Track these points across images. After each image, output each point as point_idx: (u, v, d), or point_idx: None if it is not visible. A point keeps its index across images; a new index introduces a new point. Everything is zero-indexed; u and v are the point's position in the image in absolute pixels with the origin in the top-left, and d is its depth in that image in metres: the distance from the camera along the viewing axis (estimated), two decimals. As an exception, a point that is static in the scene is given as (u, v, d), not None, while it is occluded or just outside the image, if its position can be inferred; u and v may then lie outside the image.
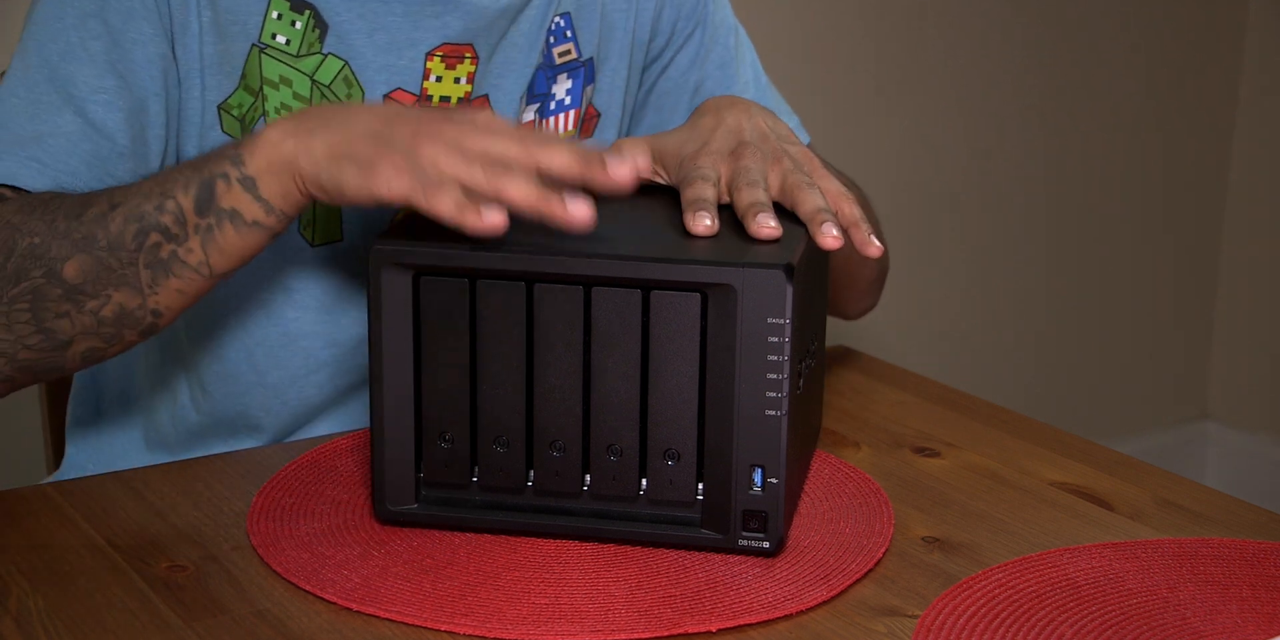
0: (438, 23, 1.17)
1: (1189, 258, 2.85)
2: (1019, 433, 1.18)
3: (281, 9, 1.13)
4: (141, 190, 1.01)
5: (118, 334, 1.03)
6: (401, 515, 0.98)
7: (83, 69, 1.10)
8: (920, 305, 2.57)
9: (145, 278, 1.01)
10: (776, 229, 0.98)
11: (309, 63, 1.15)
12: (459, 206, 0.90)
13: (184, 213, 0.99)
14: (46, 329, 1.02)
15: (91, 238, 1.00)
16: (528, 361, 0.95)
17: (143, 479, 1.08)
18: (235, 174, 0.98)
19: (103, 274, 1.00)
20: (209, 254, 1.00)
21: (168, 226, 0.99)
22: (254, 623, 0.89)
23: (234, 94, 1.14)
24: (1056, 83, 2.60)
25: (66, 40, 1.10)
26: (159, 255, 1.00)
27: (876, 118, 2.44)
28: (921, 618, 0.89)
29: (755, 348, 0.91)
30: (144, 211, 0.99)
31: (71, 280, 1.00)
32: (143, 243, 1.00)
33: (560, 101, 1.25)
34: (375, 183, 0.93)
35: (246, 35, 1.13)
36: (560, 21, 1.24)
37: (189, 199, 0.99)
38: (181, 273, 1.01)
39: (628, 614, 0.89)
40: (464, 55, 1.18)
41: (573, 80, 1.25)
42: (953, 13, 2.46)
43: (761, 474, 0.93)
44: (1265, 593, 0.93)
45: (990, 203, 2.60)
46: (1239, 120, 2.82)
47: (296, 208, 1.00)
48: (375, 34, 1.16)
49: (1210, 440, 2.96)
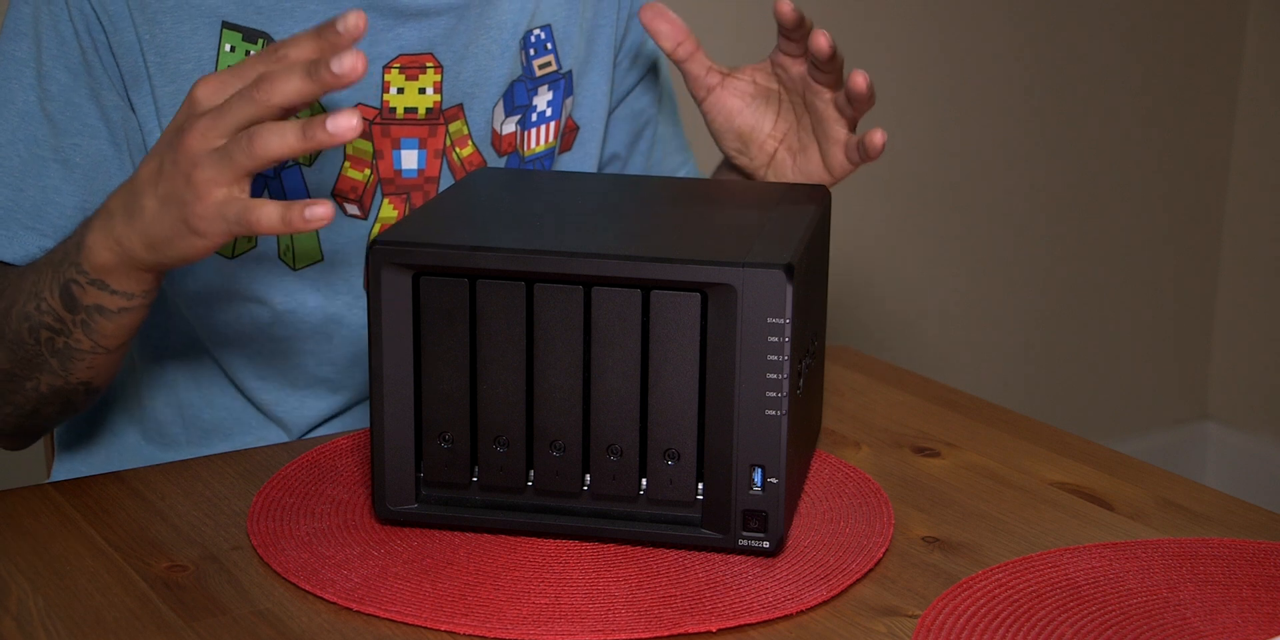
0: (391, 35, 1.17)
1: (1189, 258, 2.85)
2: (1019, 433, 1.18)
3: (234, 41, 1.14)
4: (25, 288, 1.06)
5: (67, 401, 1.12)
6: (401, 515, 0.98)
7: (41, 130, 1.13)
8: (920, 305, 2.57)
9: (55, 364, 1.08)
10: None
11: None
12: (282, 220, 0.90)
13: (57, 311, 1.04)
14: (11, 402, 1.12)
15: (2, 334, 1.07)
16: (528, 361, 0.95)
17: (143, 479, 1.08)
18: (83, 279, 1.02)
19: (22, 363, 1.08)
20: (95, 339, 1.06)
21: (50, 324, 1.05)
22: (254, 623, 0.89)
23: None
24: (1057, 83, 2.60)
25: (26, 102, 1.13)
26: (55, 346, 1.06)
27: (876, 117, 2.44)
28: (921, 618, 0.89)
29: (755, 348, 0.91)
30: (28, 312, 1.05)
31: (4, 367, 1.09)
32: (38, 337, 1.06)
33: (541, 113, 1.25)
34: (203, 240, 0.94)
35: (201, 71, 1.14)
36: (541, 34, 1.24)
37: (56, 301, 1.04)
38: (81, 357, 1.07)
39: (628, 614, 0.89)
40: (424, 65, 1.18)
41: (553, 92, 1.26)
42: (952, 12, 2.46)
43: (761, 474, 0.93)
44: (1265, 593, 0.93)
45: (990, 203, 2.60)
46: (1239, 120, 2.82)
47: (154, 283, 1.03)
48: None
49: (1210, 440, 2.96)
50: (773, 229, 0.97)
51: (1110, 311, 2.79)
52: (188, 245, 0.95)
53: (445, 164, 1.21)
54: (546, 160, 1.27)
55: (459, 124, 1.21)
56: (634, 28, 1.33)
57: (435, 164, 1.21)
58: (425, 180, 1.21)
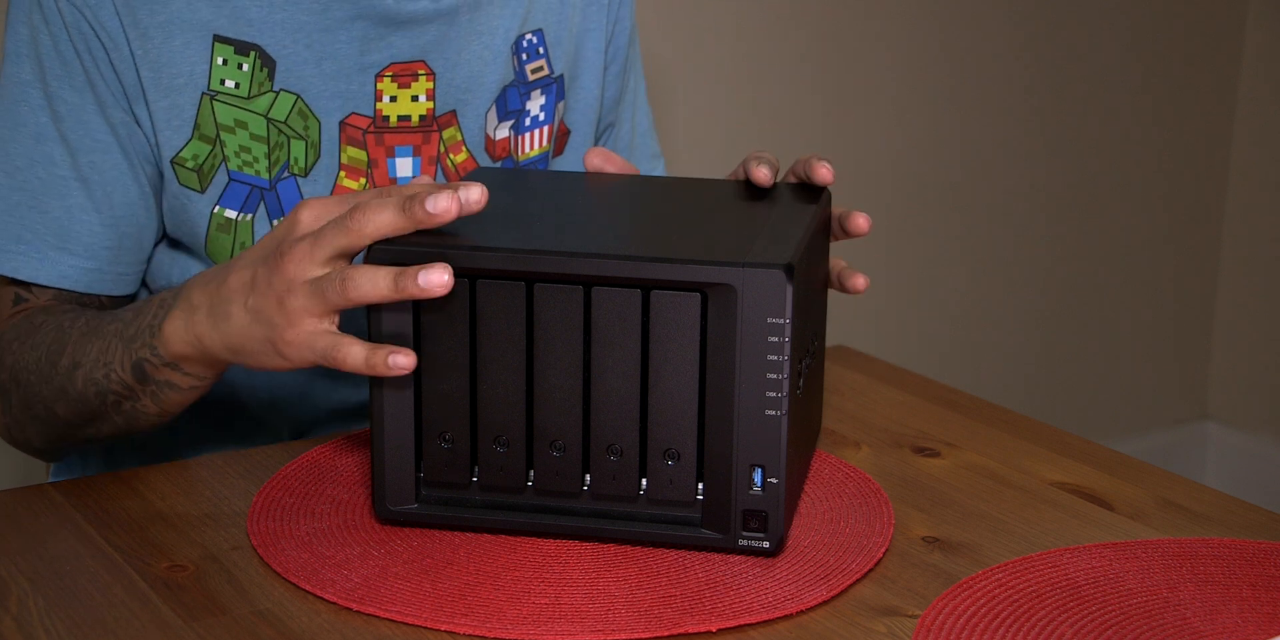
0: (383, 43, 1.17)
1: (1189, 258, 2.85)
2: (1019, 433, 1.18)
3: (226, 54, 1.14)
4: (92, 354, 1.07)
5: (126, 437, 1.14)
6: (401, 515, 0.98)
7: (57, 150, 1.14)
8: (920, 305, 2.57)
9: (120, 421, 1.10)
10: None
11: (262, 102, 1.15)
12: (366, 364, 0.91)
13: (128, 382, 1.06)
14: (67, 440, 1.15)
15: (64, 391, 1.09)
16: (528, 361, 0.95)
17: (143, 479, 1.08)
18: (157, 360, 1.04)
19: (86, 416, 1.10)
20: (163, 407, 1.08)
21: (119, 392, 1.07)
22: (254, 623, 0.89)
23: (186, 146, 1.15)
24: (1057, 83, 2.60)
25: (38, 123, 1.14)
26: (122, 408, 1.08)
27: (876, 117, 2.44)
28: (921, 618, 0.89)
29: (755, 348, 0.91)
30: (96, 378, 1.07)
31: (64, 417, 1.11)
32: (105, 401, 1.08)
33: (535, 117, 1.25)
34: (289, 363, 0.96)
35: (194, 85, 1.14)
36: (533, 38, 1.24)
37: (128, 374, 1.05)
38: (146, 418, 1.09)
39: (628, 614, 0.89)
40: (417, 73, 1.19)
41: (545, 96, 1.26)
42: (953, 12, 2.46)
43: (761, 474, 0.93)
44: (1265, 593, 0.93)
45: (990, 202, 2.60)
46: (1239, 120, 2.82)
47: (225, 369, 1.05)
48: (323, 63, 1.16)
49: (1210, 440, 2.96)
50: (773, 229, 0.97)
51: (1110, 311, 2.79)
52: (270, 363, 0.97)
53: (440, 170, 1.21)
54: (541, 164, 1.27)
55: (452, 130, 1.21)
56: (618, 33, 1.33)
57: (430, 171, 1.21)
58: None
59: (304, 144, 1.17)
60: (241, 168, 1.16)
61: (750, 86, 2.32)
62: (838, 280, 1.12)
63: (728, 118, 2.31)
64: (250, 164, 1.16)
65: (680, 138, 2.26)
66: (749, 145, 2.32)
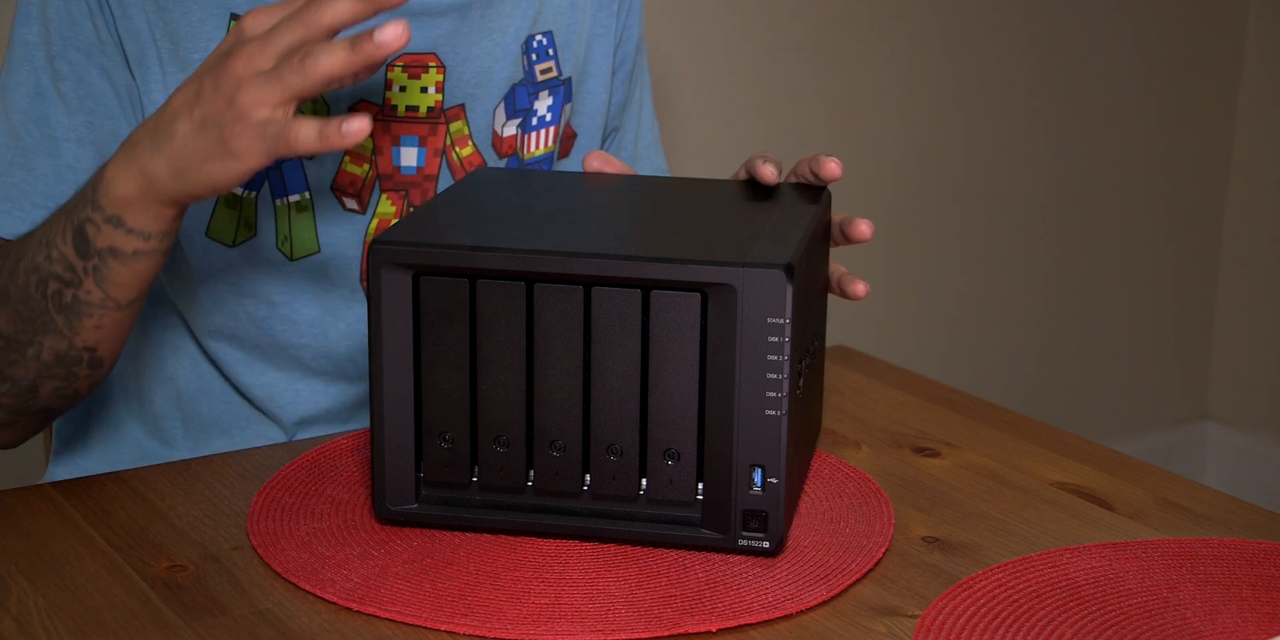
0: None
1: (1189, 258, 2.85)
2: (1019, 433, 1.18)
3: None
4: (34, 240, 1.04)
5: (68, 372, 1.08)
6: (401, 515, 0.98)
7: (55, 110, 1.13)
8: (920, 305, 2.57)
9: (61, 322, 1.05)
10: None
11: None
12: (320, 136, 0.90)
13: (69, 259, 1.02)
14: (9, 377, 1.08)
15: (6, 292, 1.04)
16: (528, 361, 0.95)
17: (143, 479, 1.08)
18: (99, 217, 1.01)
19: (26, 324, 1.05)
20: (107, 290, 1.03)
21: (60, 274, 1.03)
22: (254, 623, 0.89)
23: None
24: (1057, 83, 2.60)
25: (38, 83, 1.14)
26: (64, 300, 1.04)
27: (878, 118, 2.44)
28: (921, 618, 0.89)
29: (755, 348, 0.91)
30: (37, 263, 1.03)
31: (6, 332, 1.06)
32: (45, 291, 1.03)
33: (542, 118, 1.26)
34: (239, 162, 0.93)
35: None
36: (543, 39, 1.24)
37: (69, 246, 1.02)
38: (90, 312, 1.04)
39: (628, 614, 0.89)
40: (427, 65, 1.19)
41: (553, 97, 1.26)
42: (954, 12, 2.46)
43: (761, 474, 0.93)
44: (1265, 593, 0.93)
45: (990, 203, 2.60)
46: (1239, 120, 2.82)
47: (172, 223, 1.02)
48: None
49: (1210, 440, 2.96)
50: (773, 229, 0.97)
51: (1110, 311, 2.79)
52: (220, 169, 0.94)
53: (445, 163, 1.22)
54: (546, 164, 1.27)
55: (460, 124, 1.22)
56: (625, 39, 1.33)
57: (435, 162, 1.21)
58: (424, 178, 1.21)
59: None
60: None
61: (753, 88, 2.32)
62: (838, 285, 1.12)
63: (730, 119, 2.31)
64: None
65: (683, 139, 2.26)
66: (751, 146, 2.32)
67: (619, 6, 1.31)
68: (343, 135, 0.89)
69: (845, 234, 1.10)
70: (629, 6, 1.33)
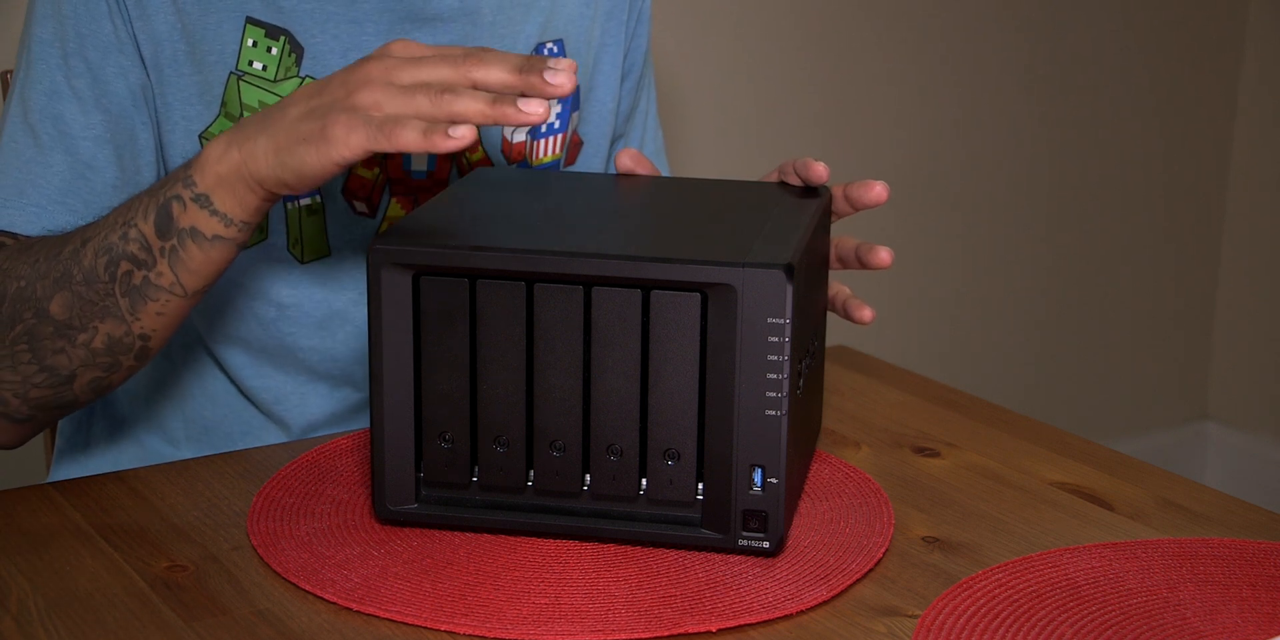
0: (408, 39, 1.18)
1: (1189, 258, 2.85)
2: (1019, 433, 1.18)
3: (256, 36, 1.15)
4: (107, 222, 1.03)
5: (114, 362, 1.07)
6: (401, 515, 0.98)
7: (70, 107, 1.13)
8: (920, 305, 2.57)
9: (124, 306, 1.04)
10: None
11: (287, 87, 1.16)
12: (424, 133, 0.90)
13: (147, 239, 1.02)
14: (48, 366, 1.06)
15: (69, 274, 1.03)
16: (528, 361, 0.95)
17: (143, 479, 1.08)
18: (188, 194, 1.00)
19: (85, 307, 1.03)
20: (179, 275, 1.03)
21: (135, 254, 1.02)
22: (254, 623, 0.89)
23: (215, 122, 1.16)
24: (1057, 83, 2.60)
25: (53, 80, 1.13)
26: (132, 282, 1.03)
27: (878, 118, 2.44)
28: (921, 618, 0.89)
29: (755, 348, 0.91)
30: (111, 243, 1.02)
31: (59, 317, 1.04)
32: (115, 273, 1.02)
33: (550, 125, 1.26)
34: (332, 149, 0.93)
35: (224, 64, 1.15)
36: (554, 47, 1.25)
37: (149, 225, 1.01)
38: (157, 296, 1.03)
39: (628, 614, 0.89)
40: None
41: (561, 105, 1.27)
42: (954, 12, 2.46)
43: (761, 474, 0.93)
44: (1265, 593, 0.93)
45: (990, 203, 2.60)
46: (1239, 120, 2.82)
47: (256, 214, 1.01)
48: (349, 54, 1.17)
49: (1210, 440, 2.96)
50: (773, 229, 0.97)
51: (1110, 312, 2.79)
52: (314, 154, 0.94)
53: (455, 167, 1.22)
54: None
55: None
56: (634, 48, 1.33)
57: (445, 167, 1.21)
58: (434, 182, 1.21)
59: None
60: None
61: (752, 89, 2.32)
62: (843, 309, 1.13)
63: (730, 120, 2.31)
64: None
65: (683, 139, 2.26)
66: (751, 147, 2.32)
67: (628, 15, 1.31)
68: (448, 136, 0.88)
69: (862, 260, 1.10)
70: (638, 15, 1.33)
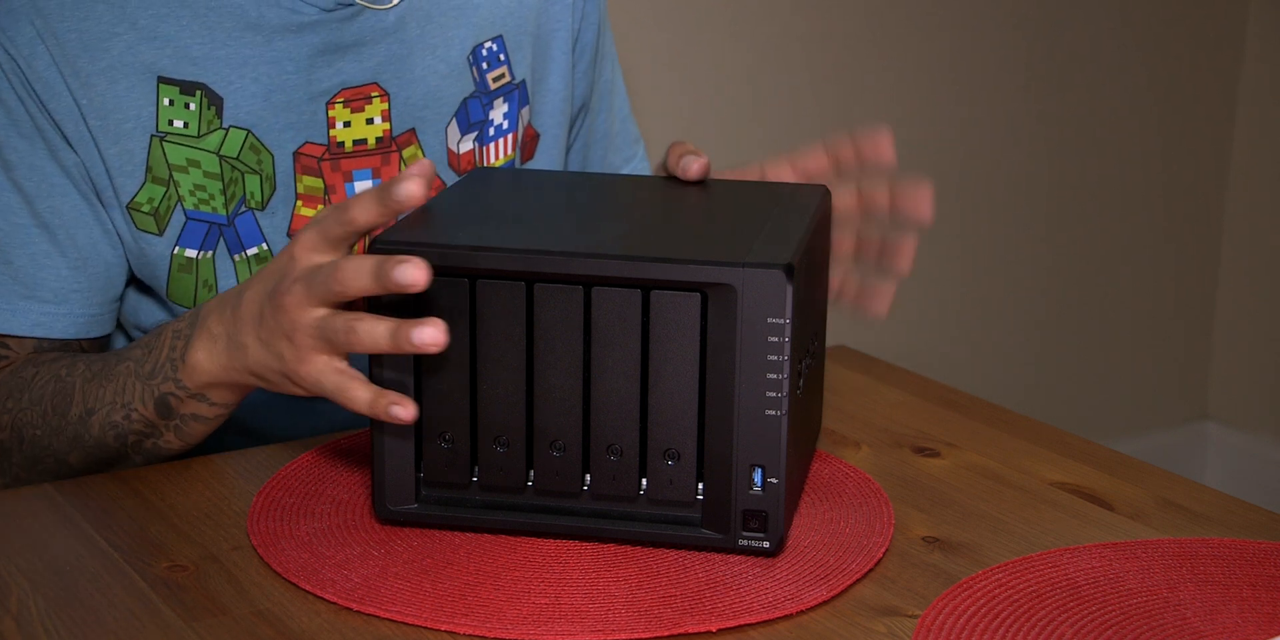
0: (332, 71, 1.16)
1: (1189, 257, 2.85)
2: (1019, 433, 1.18)
3: (171, 94, 1.13)
4: (106, 398, 1.07)
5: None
6: (401, 515, 0.98)
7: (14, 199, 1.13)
8: (920, 305, 2.57)
9: (138, 460, 1.10)
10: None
11: (212, 140, 1.15)
12: (370, 405, 0.90)
13: (150, 419, 1.06)
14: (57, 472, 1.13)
15: (80, 438, 1.09)
16: (528, 361, 0.95)
17: (143, 479, 1.08)
18: (183, 393, 1.04)
19: (102, 461, 1.10)
20: (185, 440, 1.08)
21: (141, 430, 1.07)
22: (254, 623, 0.89)
23: (141, 190, 1.15)
24: (1057, 83, 2.60)
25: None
26: (143, 447, 1.09)
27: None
28: (921, 618, 0.89)
29: (755, 348, 0.91)
30: (115, 421, 1.07)
31: (78, 466, 1.11)
32: (125, 443, 1.08)
33: (499, 127, 1.24)
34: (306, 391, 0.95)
35: (143, 128, 1.13)
36: (493, 45, 1.23)
37: (150, 410, 1.06)
38: (167, 453, 1.10)
39: (628, 614, 0.89)
40: (370, 95, 1.18)
41: (508, 104, 1.24)
42: (953, 11, 2.46)
43: (761, 474, 0.93)
44: (1265, 593, 0.93)
45: (990, 202, 2.60)
46: (1239, 120, 2.82)
47: (246, 393, 1.05)
48: (272, 96, 1.15)
49: (1210, 440, 2.96)
50: (773, 229, 0.97)
51: (1110, 312, 2.79)
52: (289, 390, 0.97)
53: None
54: None
55: (413, 149, 1.20)
56: (585, 29, 1.31)
57: None
58: None
59: (259, 178, 1.16)
60: (198, 206, 1.15)
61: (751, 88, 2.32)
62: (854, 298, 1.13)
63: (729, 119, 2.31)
64: (206, 201, 1.15)
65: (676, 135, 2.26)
66: (745, 144, 2.32)
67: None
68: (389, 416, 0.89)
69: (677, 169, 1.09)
70: None
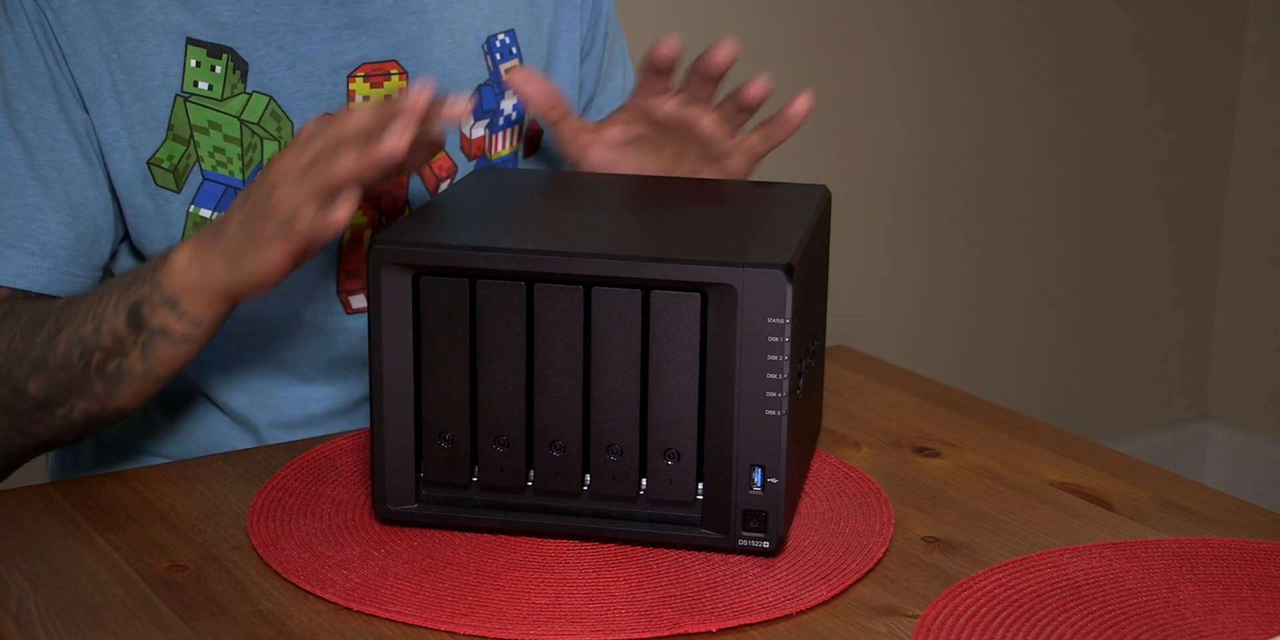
0: (354, 44, 1.17)
1: (1189, 257, 2.85)
2: (1019, 433, 1.18)
3: (199, 56, 1.14)
4: (80, 311, 1.07)
5: (90, 429, 1.12)
6: (401, 515, 0.98)
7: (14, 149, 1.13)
8: (920, 305, 2.57)
9: (100, 389, 1.08)
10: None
11: (235, 104, 1.15)
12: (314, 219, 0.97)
13: (119, 333, 1.06)
14: (28, 432, 1.11)
15: (43, 360, 1.07)
16: (528, 361, 0.95)
17: (143, 479, 1.08)
18: (157, 298, 1.04)
19: (61, 389, 1.08)
20: (150, 364, 1.07)
21: (108, 346, 1.06)
22: (254, 623, 0.89)
23: (162, 147, 1.15)
24: (1057, 83, 2.60)
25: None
26: (107, 369, 1.07)
27: (877, 117, 2.44)
28: (921, 618, 0.89)
29: (755, 348, 0.91)
30: (84, 334, 1.06)
31: (36, 396, 1.08)
32: (89, 361, 1.07)
33: (507, 116, 1.25)
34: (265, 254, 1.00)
35: (168, 88, 1.14)
36: (505, 38, 1.24)
37: (121, 320, 1.05)
38: (130, 381, 1.08)
39: (628, 614, 0.89)
40: (389, 72, 1.19)
41: (517, 96, 1.25)
42: (953, 11, 2.46)
43: (761, 474, 0.93)
44: (1265, 593, 0.93)
45: (990, 202, 2.60)
46: (1239, 120, 2.82)
47: (220, 317, 1.06)
48: (296, 64, 1.16)
49: (1210, 440, 2.96)
50: (773, 229, 0.97)
51: (1110, 312, 2.79)
52: (256, 260, 0.99)
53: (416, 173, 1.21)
54: (511, 163, 1.27)
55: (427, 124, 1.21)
56: (593, 27, 1.31)
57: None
58: (394, 184, 1.21)
59: (277, 145, 1.17)
60: (215, 168, 1.16)
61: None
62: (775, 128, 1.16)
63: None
64: (224, 164, 1.16)
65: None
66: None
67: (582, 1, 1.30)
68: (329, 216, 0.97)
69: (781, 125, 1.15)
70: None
